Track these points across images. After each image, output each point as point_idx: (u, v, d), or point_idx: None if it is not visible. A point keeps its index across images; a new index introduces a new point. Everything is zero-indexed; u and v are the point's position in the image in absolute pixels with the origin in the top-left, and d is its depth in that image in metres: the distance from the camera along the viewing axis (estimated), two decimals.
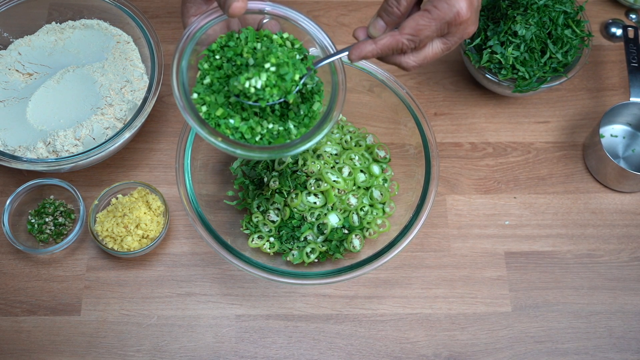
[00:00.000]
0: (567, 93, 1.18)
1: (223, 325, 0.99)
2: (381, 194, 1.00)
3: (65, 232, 1.04)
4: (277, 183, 0.98)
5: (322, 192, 0.98)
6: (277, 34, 0.80)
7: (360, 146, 1.04)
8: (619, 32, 1.22)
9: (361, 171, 1.01)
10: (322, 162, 0.98)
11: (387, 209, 1.01)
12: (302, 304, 1.01)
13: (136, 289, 1.01)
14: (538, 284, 1.03)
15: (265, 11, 0.80)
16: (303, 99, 0.80)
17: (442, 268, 1.04)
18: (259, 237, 0.99)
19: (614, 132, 1.13)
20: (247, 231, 1.00)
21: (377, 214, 1.00)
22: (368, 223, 0.99)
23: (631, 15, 1.25)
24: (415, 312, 1.01)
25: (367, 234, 0.98)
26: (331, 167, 0.99)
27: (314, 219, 0.98)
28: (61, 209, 1.05)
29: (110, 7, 1.10)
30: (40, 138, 1.02)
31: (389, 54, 0.78)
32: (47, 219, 1.03)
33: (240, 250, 0.90)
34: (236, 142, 0.76)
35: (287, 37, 0.80)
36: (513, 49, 1.03)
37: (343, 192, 0.98)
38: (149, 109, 1.02)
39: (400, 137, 1.04)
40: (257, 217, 1.00)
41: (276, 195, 0.98)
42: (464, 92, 1.17)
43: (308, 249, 0.97)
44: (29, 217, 1.04)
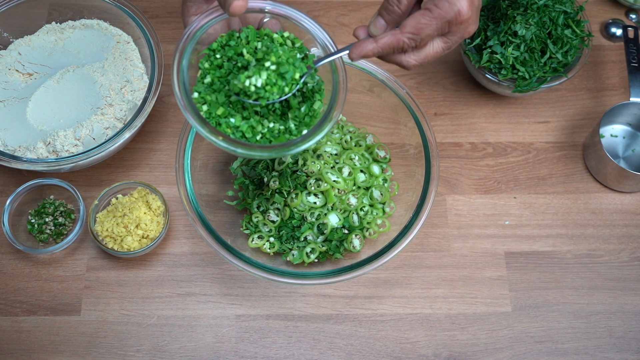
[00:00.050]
0: (567, 93, 1.18)
1: (223, 325, 0.99)
2: (381, 194, 1.00)
3: (65, 232, 1.04)
4: (277, 183, 0.98)
5: (322, 192, 0.98)
6: (278, 32, 0.80)
7: (360, 146, 1.03)
8: (619, 32, 1.22)
9: (361, 171, 1.01)
10: (322, 162, 0.98)
11: (387, 209, 1.01)
12: (302, 304, 1.01)
13: (136, 289, 1.01)
14: (538, 284, 1.03)
15: (265, 10, 0.80)
16: (304, 97, 0.80)
17: (442, 268, 1.04)
18: (259, 237, 0.99)
19: (614, 132, 1.13)
20: (247, 231, 1.00)
21: (377, 214, 1.00)
22: (368, 223, 0.99)
23: (631, 15, 1.25)
24: (415, 312, 1.01)
25: (367, 234, 0.98)
26: (331, 167, 0.99)
27: (314, 219, 0.98)
28: (61, 209, 1.05)
29: (110, 7, 1.10)
30: (40, 138, 1.02)
31: (389, 52, 0.78)
32: (47, 219, 1.03)
33: (240, 250, 0.90)
34: (237, 141, 0.76)
35: (288, 36, 0.80)
36: (513, 49, 1.03)
37: (343, 192, 0.98)
38: (149, 109, 1.02)
39: (400, 137, 1.04)
40: (257, 217, 0.99)
41: (276, 195, 0.98)
42: (464, 92, 1.17)
43: (308, 249, 0.97)
44: (29, 217, 1.04)
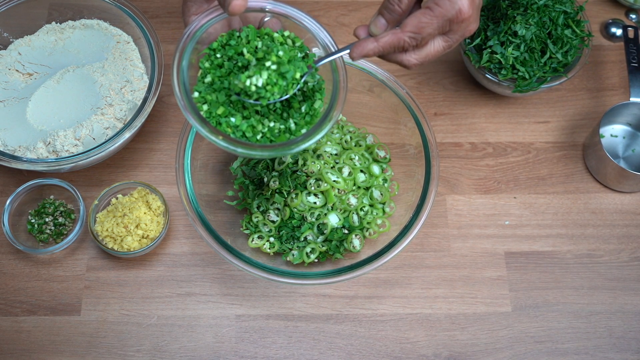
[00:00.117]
0: (567, 93, 1.18)
1: (223, 325, 0.99)
2: (381, 194, 1.00)
3: (65, 232, 1.04)
4: (277, 183, 0.98)
5: (322, 192, 0.98)
6: (278, 32, 0.80)
7: (360, 146, 1.03)
8: (619, 32, 1.22)
9: (361, 171, 1.01)
10: (322, 162, 0.98)
11: (387, 209, 1.01)
12: (302, 304, 1.01)
13: (136, 289, 1.01)
14: (538, 284, 1.03)
15: (266, 9, 0.80)
16: (304, 97, 0.80)
17: (442, 268, 1.04)
18: (259, 237, 0.99)
19: (614, 132, 1.13)
20: (247, 231, 1.00)
21: (377, 214, 1.00)
22: (368, 223, 0.98)
23: (631, 15, 1.25)
24: (415, 312, 1.01)
25: (367, 234, 0.98)
26: (331, 167, 0.99)
27: (314, 219, 0.98)
28: (61, 209, 1.05)
29: (110, 7, 1.10)
30: (40, 138, 1.02)
31: (390, 52, 0.78)
32: (47, 219, 1.03)
33: (240, 250, 0.90)
34: (237, 141, 0.76)
35: (288, 36, 0.80)
36: (513, 49, 1.03)
37: (343, 192, 0.98)
38: (149, 109, 1.02)
39: (400, 137, 1.04)
40: (257, 217, 0.99)
41: (276, 195, 0.98)
42: (464, 92, 1.17)
43: (308, 249, 0.97)
44: (29, 217, 1.04)
